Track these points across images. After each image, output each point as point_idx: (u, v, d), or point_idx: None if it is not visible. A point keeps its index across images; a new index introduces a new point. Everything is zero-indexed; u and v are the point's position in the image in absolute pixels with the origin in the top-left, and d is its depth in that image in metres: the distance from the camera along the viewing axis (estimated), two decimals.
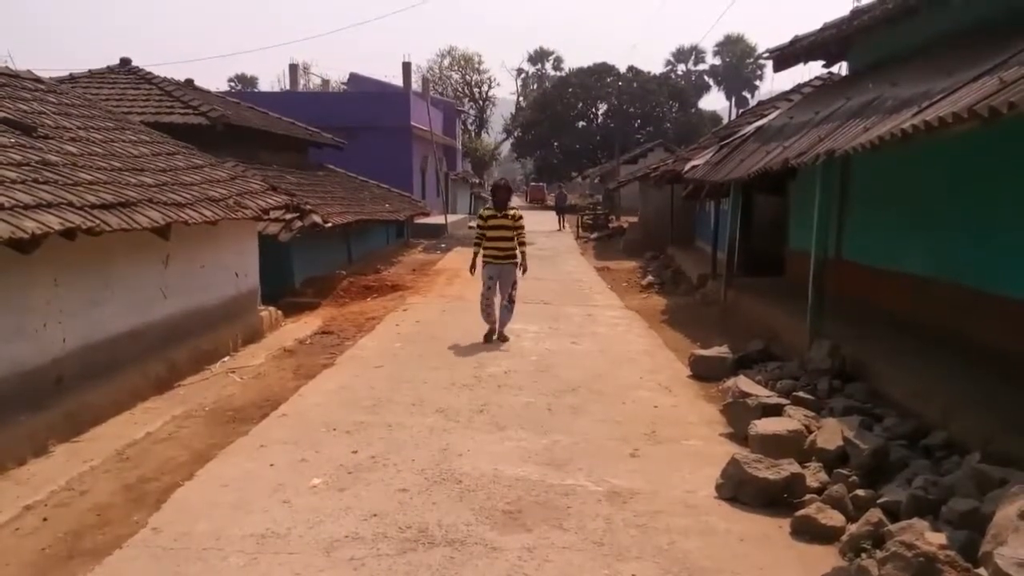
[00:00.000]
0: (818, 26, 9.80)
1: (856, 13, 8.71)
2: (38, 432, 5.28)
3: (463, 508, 4.43)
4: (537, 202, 58.28)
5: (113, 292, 6.63)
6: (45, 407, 5.49)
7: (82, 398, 5.87)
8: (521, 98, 76.62)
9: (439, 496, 4.60)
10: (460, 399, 6.73)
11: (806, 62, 11.13)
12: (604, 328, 10.44)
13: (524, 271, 9.58)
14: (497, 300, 9.30)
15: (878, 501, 4.15)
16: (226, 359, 8.26)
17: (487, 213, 9.46)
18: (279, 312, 10.45)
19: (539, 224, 32.41)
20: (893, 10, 7.62)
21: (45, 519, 4.31)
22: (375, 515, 4.31)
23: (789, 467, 4.56)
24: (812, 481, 4.56)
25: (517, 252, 9.34)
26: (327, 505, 4.45)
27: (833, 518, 4.12)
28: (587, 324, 10.69)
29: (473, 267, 9.42)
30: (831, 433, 4.98)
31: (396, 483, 4.79)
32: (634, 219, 28.82)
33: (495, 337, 9.24)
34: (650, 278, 15.65)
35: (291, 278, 12.87)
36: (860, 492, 4.32)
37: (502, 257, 9.24)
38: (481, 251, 9.35)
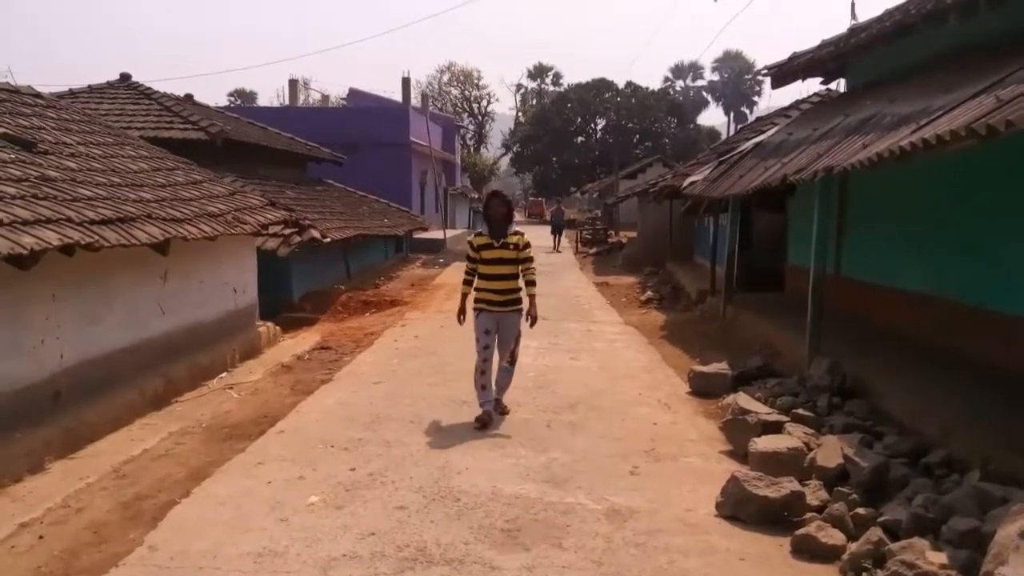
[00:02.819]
0: (816, 43, 9.89)
1: (854, 31, 8.78)
2: (35, 449, 5.26)
3: (461, 526, 4.40)
4: (536, 217, 58.31)
5: (111, 308, 6.62)
6: (42, 423, 5.47)
7: (79, 414, 5.85)
8: (520, 113, 76.87)
9: (437, 514, 4.57)
10: (459, 416, 6.70)
11: (804, 79, 11.24)
12: (603, 344, 10.42)
13: (533, 323, 6.69)
14: (495, 362, 6.65)
15: (878, 519, 4.13)
16: (224, 375, 8.24)
17: (479, 242, 6.63)
18: (277, 327, 10.44)
19: (539, 240, 32.41)
20: (890, 28, 7.68)
21: (41, 537, 4.28)
22: (373, 533, 4.29)
23: (789, 485, 4.53)
24: (812, 499, 4.54)
25: (523, 295, 6.71)
26: (324, 523, 4.42)
27: (833, 536, 4.10)
28: (586, 340, 10.68)
29: (462, 313, 6.72)
30: (831, 451, 4.96)
31: (394, 501, 4.77)
32: (633, 234, 28.90)
33: (495, 411, 6.55)
34: (649, 293, 15.65)
35: (289, 293, 12.87)
36: (860, 510, 4.30)
37: (501, 303, 6.56)
38: (472, 293, 6.70)
